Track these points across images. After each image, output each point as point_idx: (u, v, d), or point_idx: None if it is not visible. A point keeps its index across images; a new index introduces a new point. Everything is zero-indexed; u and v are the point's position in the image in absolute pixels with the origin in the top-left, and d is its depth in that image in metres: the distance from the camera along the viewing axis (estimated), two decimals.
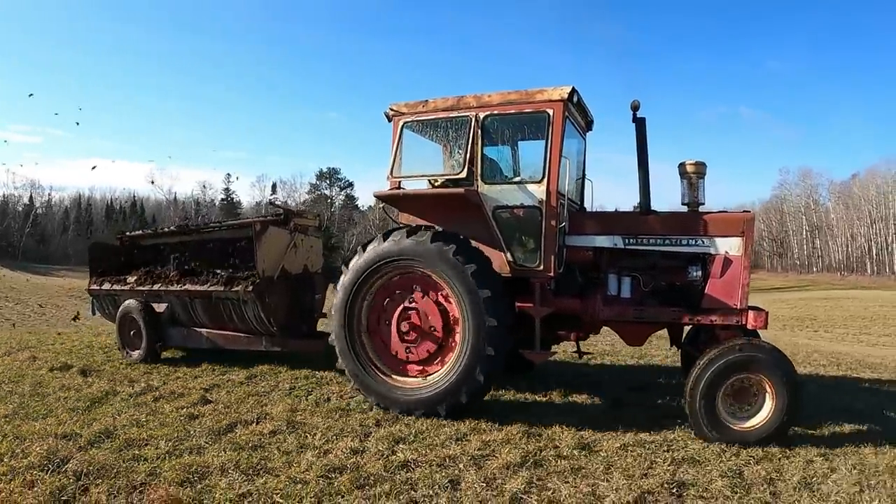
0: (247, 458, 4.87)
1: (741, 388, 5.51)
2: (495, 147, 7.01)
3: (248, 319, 8.26)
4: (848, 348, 15.22)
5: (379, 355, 6.42)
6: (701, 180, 6.39)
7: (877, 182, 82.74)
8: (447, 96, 6.73)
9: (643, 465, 4.86)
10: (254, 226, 8.20)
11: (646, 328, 6.59)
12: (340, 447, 5.16)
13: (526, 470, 4.71)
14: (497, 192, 6.39)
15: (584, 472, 4.72)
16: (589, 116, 7.30)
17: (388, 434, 5.51)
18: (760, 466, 4.86)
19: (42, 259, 70.70)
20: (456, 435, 5.52)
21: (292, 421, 5.91)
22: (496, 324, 5.79)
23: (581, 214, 6.95)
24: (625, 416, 6.24)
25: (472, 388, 5.88)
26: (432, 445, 5.26)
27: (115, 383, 7.56)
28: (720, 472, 4.71)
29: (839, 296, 44.35)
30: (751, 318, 5.97)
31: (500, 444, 5.30)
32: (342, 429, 5.71)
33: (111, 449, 5.09)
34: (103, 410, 6.36)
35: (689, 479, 4.60)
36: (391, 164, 6.78)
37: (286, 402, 6.60)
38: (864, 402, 7.26)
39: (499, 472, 4.67)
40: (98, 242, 10.93)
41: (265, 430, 5.62)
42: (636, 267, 6.49)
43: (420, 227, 6.25)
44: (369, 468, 4.69)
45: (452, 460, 4.90)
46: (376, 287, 6.41)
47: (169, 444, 5.19)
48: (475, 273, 5.83)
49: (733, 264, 6.10)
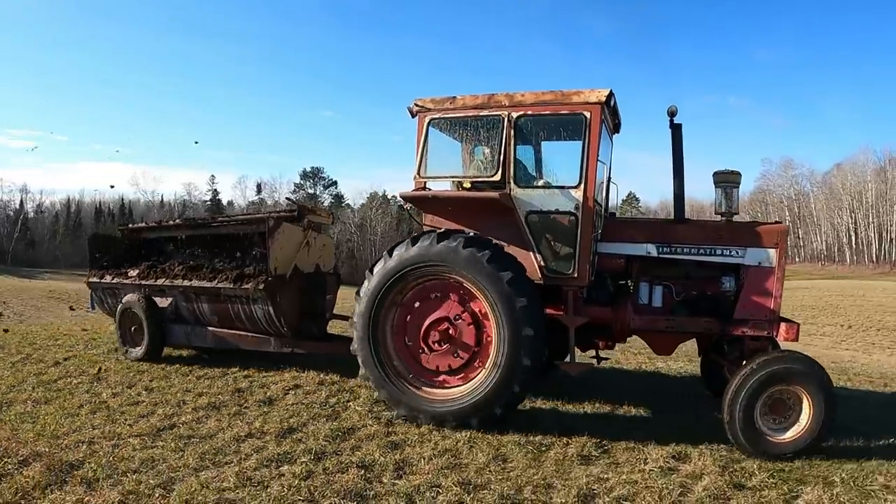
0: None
1: (778, 399, 5.46)
2: (527, 148, 6.84)
3: (257, 319, 7.99)
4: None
5: (406, 365, 6.19)
6: (735, 189, 6.32)
7: (855, 172, 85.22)
8: (475, 94, 6.51)
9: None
10: (267, 221, 7.92)
11: (675, 338, 6.51)
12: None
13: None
14: (531, 196, 6.22)
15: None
16: (618, 119, 7.17)
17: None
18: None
19: (31, 263, 69.30)
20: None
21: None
22: (533, 333, 5.63)
23: (613, 221, 6.83)
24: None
25: (508, 399, 5.72)
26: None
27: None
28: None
29: (795, 286, 45.43)
30: (782, 330, 5.94)
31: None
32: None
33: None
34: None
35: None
36: (417, 164, 6.55)
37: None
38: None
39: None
40: (98, 234, 10.50)
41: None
42: (668, 276, 6.41)
43: (452, 232, 6.03)
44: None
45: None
46: (404, 294, 6.18)
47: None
48: (511, 281, 5.65)
49: (766, 275, 6.06)
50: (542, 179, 6.87)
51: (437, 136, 6.70)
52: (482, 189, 6.31)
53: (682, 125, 6.33)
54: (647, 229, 6.54)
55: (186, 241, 9.33)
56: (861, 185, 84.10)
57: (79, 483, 4.48)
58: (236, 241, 8.80)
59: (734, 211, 6.32)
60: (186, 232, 9.31)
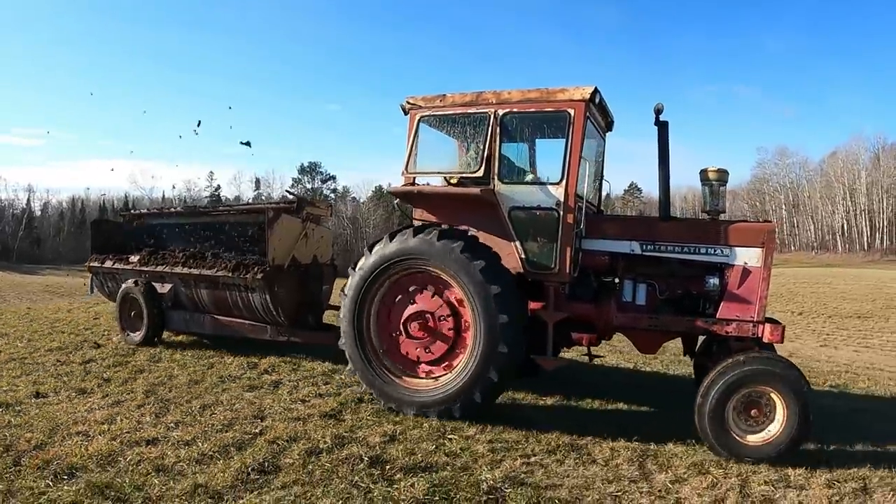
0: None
1: (751, 401, 5.40)
2: (513, 145, 6.87)
3: (254, 308, 8.19)
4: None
5: (390, 357, 6.33)
6: (723, 187, 6.27)
7: (848, 160, 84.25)
8: (465, 91, 6.59)
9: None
10: (267, 212, 8.11)
11: (659, 336, 6.48)
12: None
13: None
14: (514, 191, 6.27)
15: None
16: (609, 117, 7.15)
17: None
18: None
19: (35, 260, 71.11)
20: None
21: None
22: (507, 320, 5.69)
23: (598, 218, 6.82)
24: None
25: (486, 386, 5.81)
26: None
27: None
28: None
29: (776, 273, 44.76)
30: (767, 331, 5.86)
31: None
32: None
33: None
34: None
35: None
36: (406, 160, 6.65)
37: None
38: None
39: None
40: (101, 219, 10.83)
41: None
42: (652, 274, 6.38)
43: (427, 226, 6.15)
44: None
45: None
46: (385, 288, 6.31)
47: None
48: (483, 269, 5.73)
49: (751, 275, 5.99)
50: (535, 176, 6.91)
51: (427, 132, 6.80)
52: (467, 185, 6.38)
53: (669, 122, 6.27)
54: (631, 226, 6.54)
55: (188, 229, 9.56)
56: (853, 173, 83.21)
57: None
58: (237, 230, 9.00)
59: (721, 209, 6.27)
60: (188, 220, 9.54)
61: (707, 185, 6.24)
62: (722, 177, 6.20)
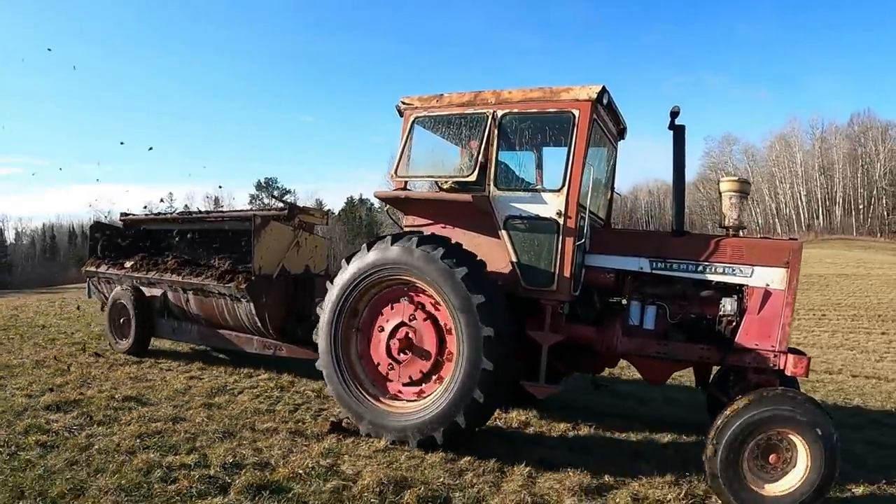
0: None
1: (769, 445, 4.69)
2: (514, 150, 6.33)
3: (240, 318, 7.76)
4: None
5: (369, 377, 5.79)
6: (743, 200, 5.62)
7: (788, 143, 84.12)
8: (463, 91, 6.11)
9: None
10: (254, 219, 7.69)
11: (668, 365, 5.80)
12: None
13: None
14: (510, 199, 5.71)
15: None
16: (622, 123, 6.57)
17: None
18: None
19: (3, 286, 72.11)
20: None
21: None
22: (492, 333, 5.09)
23: (604, 231, 6.22)
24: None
25: (471, 409, 5.17)
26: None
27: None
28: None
29: None
30: (790, 362, 5.16)
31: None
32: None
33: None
34: None
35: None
36: (396, 162, 6.16)
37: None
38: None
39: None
40: (101, 222, 10.61)
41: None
42: (663, 295, 5.73)
43: (407, 233, 5.63)
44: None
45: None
46: (363, 302, 5.80)
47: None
48: (466, 277, 5.16)
49: (774, 299, 5.30)
50: (540, 183, 6.37)
51: (422, 135, 6.32)
52: (461, 191, 5.87)
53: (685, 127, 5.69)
54: (640, 241, 5.93)
55: (184, 235, 9.26)
56: (791, 156, 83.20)
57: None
58: (231, 238, 8.64)
59: (741, 224, 5.62)
60: (183, 225, 9.23)
61: (726, 197, 5.59)
62: (743, 188, 5.57)
